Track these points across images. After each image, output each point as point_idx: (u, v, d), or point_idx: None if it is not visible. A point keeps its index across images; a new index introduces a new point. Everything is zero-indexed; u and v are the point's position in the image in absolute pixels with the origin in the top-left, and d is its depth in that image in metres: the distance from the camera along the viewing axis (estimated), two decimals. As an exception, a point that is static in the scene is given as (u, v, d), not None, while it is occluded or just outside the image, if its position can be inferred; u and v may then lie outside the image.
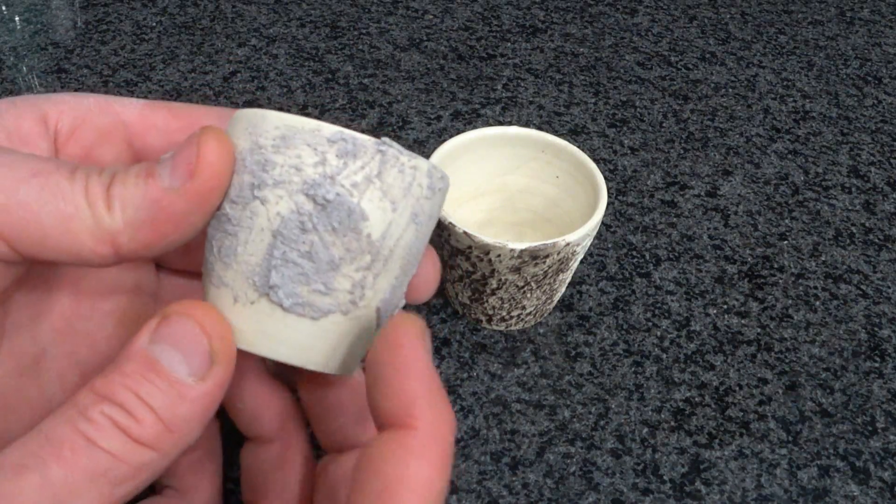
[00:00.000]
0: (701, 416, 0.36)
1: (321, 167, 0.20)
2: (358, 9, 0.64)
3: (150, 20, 0.60)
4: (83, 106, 0.24)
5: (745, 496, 0.33)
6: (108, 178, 0.20)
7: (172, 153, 0.20)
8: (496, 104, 0.54)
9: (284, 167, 0.21)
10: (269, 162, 0.21)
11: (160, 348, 0.19)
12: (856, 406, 0.37)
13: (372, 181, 0.21)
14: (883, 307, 0.42)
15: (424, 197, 0.22)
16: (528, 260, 0.33)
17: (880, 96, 0.58)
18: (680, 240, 0.45)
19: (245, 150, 0.21)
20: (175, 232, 0.20)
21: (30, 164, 0.19)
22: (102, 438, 0.18)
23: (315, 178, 0.20)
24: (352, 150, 0.21)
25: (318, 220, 0.21)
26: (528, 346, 0.38)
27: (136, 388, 0.19)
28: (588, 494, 0.33)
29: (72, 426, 0.18)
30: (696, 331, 0.40)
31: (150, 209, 0.20)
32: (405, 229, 0.22)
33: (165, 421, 0.19)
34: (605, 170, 0.49)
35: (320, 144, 0.21)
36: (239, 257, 0.21)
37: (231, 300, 0.21)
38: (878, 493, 0.33)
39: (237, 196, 0.21)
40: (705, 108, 0.55)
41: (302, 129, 0.21)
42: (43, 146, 0.23)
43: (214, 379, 0.20)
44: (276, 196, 0.21)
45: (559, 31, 0.63)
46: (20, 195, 0.19)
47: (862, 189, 0.49)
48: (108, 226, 0.19)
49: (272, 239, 0.21)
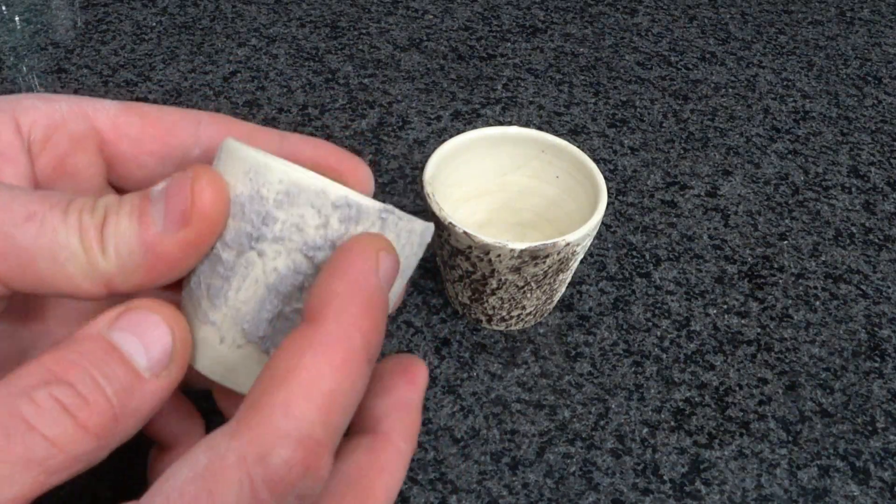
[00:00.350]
0: (701, 416, 0.36)
1: (323, 230, 0.20)
2: (358, 9, 0.64)
3: (150, 20, 0.60)
4: (57, 112, 0.23)
5: (745, 496, 0.33)
6: (100, 218, 0.19)
7: (164, 189, 0.20)
8: (496, 104, 0.54)
9: (286, 224, 0.20)
10: (269, 216, 0.20)
11: (121, 335, 0.19)
12: (856, 406, 0.37)
13: None
14: (883, 307, 0.42)
15: (413, 254, 0.22)
16: (528, 260, 0.33)
17: (880, 96, 0.58)
18: (680, 240, 0.45)
19: (244, 196, 0.21)
20: (168, 274, 0.20)
21: (23, 204, 0.19)
22: (45, 424, 0.17)
23: (316, 241, 0.20)
24: (355, 216, 0.21)
25: (315, 281, 0.21)
26: (528, 346, 0.38)
27: (92, 370, 0.18)
28: (588, 494, 0.33)
29: (11, 409, 0.17)
30: (696, 331, 0.40)
31: (143, 254, 0.19)
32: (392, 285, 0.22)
33: (116, 409, 0.18)
34: (605, 170, 0.49)
35: (325, 207, 0.20)
36: (229, 301, 0.21)
37: (217, 340, 0.22)
38: (878, 493, 0.33)
39: (232, 241, 0.21)
40: (705, 108, 0.55)
41: (308, 188, 0.20)
42: (21, 159, 0.22)
43: (168, 378, 0.19)
44: (275, 251, 0.21)
45: (559, 31, 0.63)
46: (17, 240, 0.19)
47: (862, 189, 0.49)
48: (103, 268, 0.19)
49: (266, 292, 0.21)
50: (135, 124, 0.24)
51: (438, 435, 0.34)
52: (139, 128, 0.24)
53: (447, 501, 0.32)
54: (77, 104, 0.24)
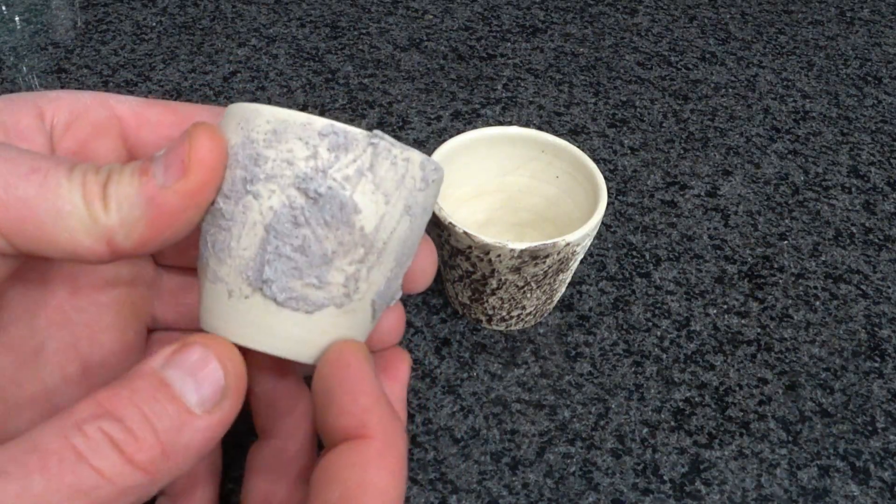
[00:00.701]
0: (701, 416, 0.36)
1: (312, 161, 0.20)
2: (358, 9, 0.64)
3: (150, 20, 0.60)
4: (80, 102, 0.24)
5: (745, 496, 0.33)
6: (104, 177, 0.20)
7: (166, 149, 0.20)
8: (496, 104, 0.54)
9: (276, 161, 0.20)
10: (260, 156, 0.21)
11: (174, 372, 0.19)
12: (856, 406, 0.37)
13: (364, 174, 0.21)
14: (883, 307, 0.42)
15: (418, 189, 0.22)
16: (528, 260, 0.33)
17: (880, 96, 0.58)
18: (680, 240, 0.45)
19: (237, 144, 0.21)
20: (170, 229, 0.20)
21: (28, 160, 0.19)
22: (94, 456, 0.18)
23: (306, 172, 0.20)
24: (343, 143, 0.21)
25: (311, 214, 0.21)
26: (528, 346, 0.38)
27: (143, 406, 0.18)
28: (588, 494, 0.33)
29: (63, 438, 0.18)
30: (696, 331, 0.40)
31: (144, 207, 0.20)
32: (399, 221, 0.22)
33: (165, 445, 0.18)
34: (605, 170, 0.49)
35: (311, 138, 0.20)
36: (232, 252, 0.21)
37: (226, 295, 0.21)
38: (878, 493, 0.33)
39: (230, 190, 0.21)
40: (705, 108, 0.55)
41: (293, 122, 0.21)
42: (40, 141, 0.23)
43: (221, 413, 0.20)
44: (269, 190, 0.20)
45: (559, 31, 0.63)
46: (19, 191, 0.19)
47: (862, 189, 0.49)
48: (104, 224, 0.19)
49: (265, 233, 0.21)
50: (156, 113, 0.25)
51: (438, 435, 0.34)
52: (160, 116, 0.25)
53: (447, 501, 0.32)
54: (101, 95, 0.25)
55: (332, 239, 0.21)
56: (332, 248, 0.21)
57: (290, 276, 0.21)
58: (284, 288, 0.21)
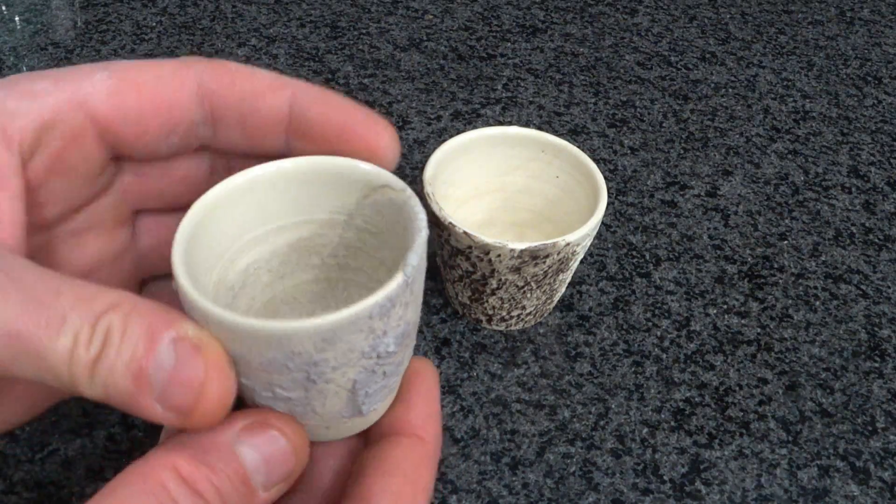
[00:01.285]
0: (701, 416, 0.36)
1: (372, 335, 0.20)
2: (358, 9, 0.64)
3: (150, 20, 0.60)
4: (46, 111, 0.22)
5: (745, 496, 0.33)
6: (96, 352, 0.18)
7: (172, 360, 0.18)
8: (496, 104, 0.54)
9: (339, 355, 0.20)
10: (320, 361, 0.20)
11: (249, 453, 0.20)
12: (856, 406, 0.37)
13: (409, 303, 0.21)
14: (883, 307, 0.42)
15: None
16: (528, 260, 0.33)
17: (880, 96, 0.58)
18: (680, 240, 0.45)
19: (277, 360, 0.20)
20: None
21: (8, 319, 0.18)
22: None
23: (372, 345, 0.21)
24: (389, 306, 0.20)
25: (385, 361, 0.21)
26: (528, 346, 0.38)
27: (220, 486, 0.19)
28: (588, 494, 0.33)
29: (151, 496, 0.18)
30: (696, 331, 0.40)
31: (133, 406, 0.19)
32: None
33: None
34: (605, 170, 0.49)
35: (363, 322, 0.20)
36: (318, 410, 0.22)
37: (325, 428, 0.23)
38: (878, 493, 0.33)
39: (289, 384, 0.20)
40: (705, 108, 0.55)
41: (342, 326, 0.19)
42: (9, 164, 0.21)
43: (277, 491, 0.21)
44: (342, 374, 0.21)
45: (559, 31, 0.63)
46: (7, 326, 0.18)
47: (862, 189, 0.49)
48: (86, 391, 0.19)
49: (351, 392, 0.21)
50: (132, 104, 0.23)
51: (438, 435, 0.34)
52: (137, 105, 0.23)
53: (447, 501, 0.32)
54: (68, 93, 0.22)
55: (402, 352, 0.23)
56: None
57: (384, 397, 0.23)
58: (377, 403, 0.23)
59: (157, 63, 0.24)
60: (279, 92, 0.24)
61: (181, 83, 0.23)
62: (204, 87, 0.24)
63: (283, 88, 0.24)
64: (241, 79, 0.24)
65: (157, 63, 0.24)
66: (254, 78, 0.24)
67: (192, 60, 0.24)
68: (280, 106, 0.24)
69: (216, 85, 0.24)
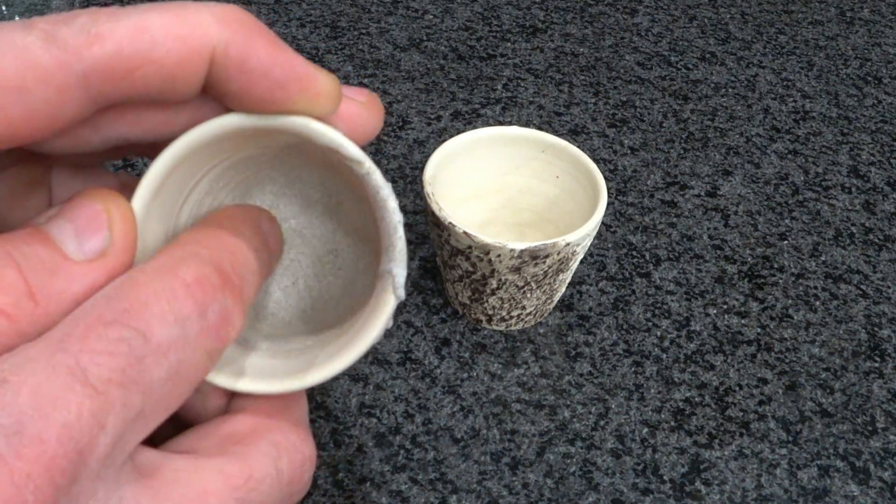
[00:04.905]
0: (701, 416, 0.36)
1: None
2: (358, 9, 0.64)
3: (150, 20, 0.60)
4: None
5: (745, 496, 0.33)
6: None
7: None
8: (496, 104, 0.54)
9: None
10: None
11: (54, 222, 0.18)
12: (856, 406, 0.37)
13: None
14: (883, 307, 0.42)
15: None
16: (528, 260, 0.33)
17: (880, 96, 0.58)
18: (680, 240, 0.45)
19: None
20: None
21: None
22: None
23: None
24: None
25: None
26: (528, 346, 0.38)
27: (11, 249, 0.17)
28: (588, 494, 0.33)
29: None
30: (696, 331, 0.40)
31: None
32: None
33: (33, 289, 0.17)
34: (605, 170, 0.49)
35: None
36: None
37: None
38: (878, 493, 0.33)
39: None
40: (705, 108, 0.55)
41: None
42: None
43: (104, 265, 0.18)
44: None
45: (559, 31, 0.63)
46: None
47: (862, 189, 0.49)
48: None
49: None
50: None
51: (438, 435, 0.34)
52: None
53: (447, 501, 0.32)
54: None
55: None
56: None
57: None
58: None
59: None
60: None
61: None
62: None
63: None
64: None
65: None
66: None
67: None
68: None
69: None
